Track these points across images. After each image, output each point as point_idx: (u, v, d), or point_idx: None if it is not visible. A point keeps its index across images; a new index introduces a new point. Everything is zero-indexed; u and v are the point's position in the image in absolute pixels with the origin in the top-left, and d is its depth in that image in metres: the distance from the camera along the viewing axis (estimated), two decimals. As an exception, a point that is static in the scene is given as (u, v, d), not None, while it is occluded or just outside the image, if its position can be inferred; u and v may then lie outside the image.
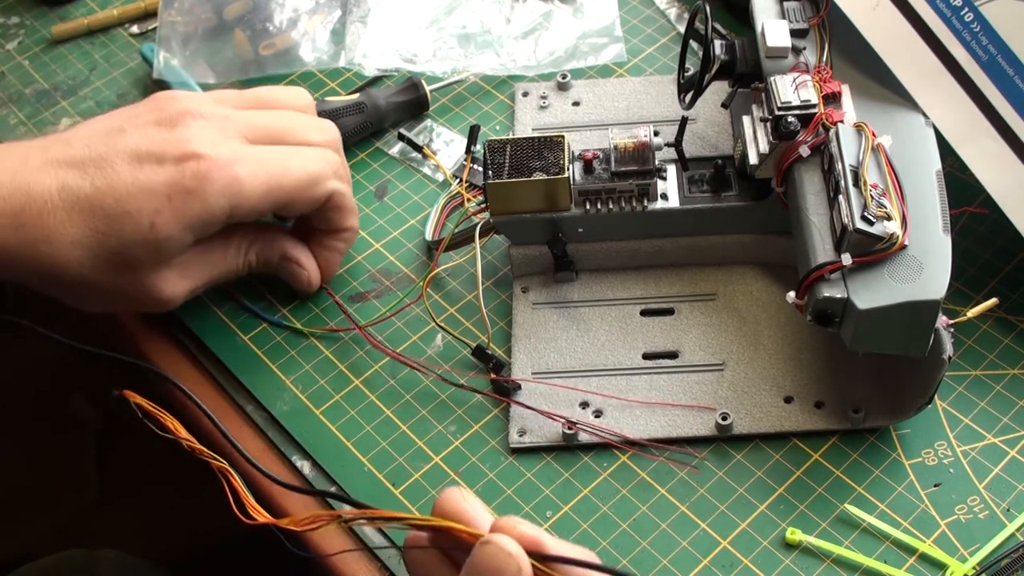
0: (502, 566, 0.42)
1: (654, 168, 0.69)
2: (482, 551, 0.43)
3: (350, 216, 0.72)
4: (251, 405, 0.70)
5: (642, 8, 0.92)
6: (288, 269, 0.72)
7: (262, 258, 0.71)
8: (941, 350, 0.60)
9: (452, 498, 0.46)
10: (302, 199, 0.68)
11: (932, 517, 0.62)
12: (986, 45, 0.67)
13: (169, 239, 0.63)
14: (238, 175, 0.64)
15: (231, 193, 0.64)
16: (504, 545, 0.42)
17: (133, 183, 0.62)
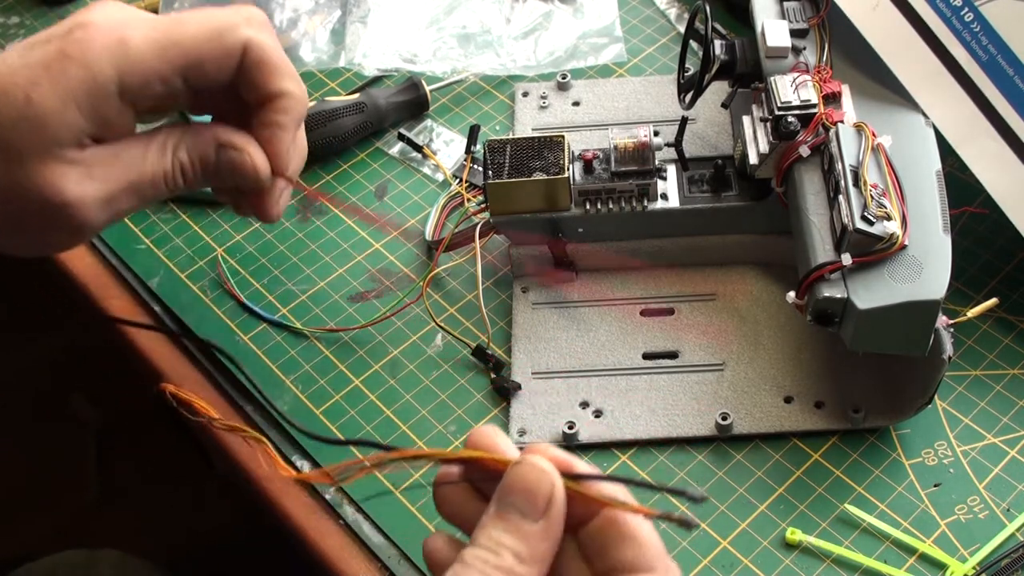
0: (535, 485, 0.41)
1: (654, 168, 0.69)
2: (514, 471, 0.42)
3: (279, 76, 0.58)
4: (251, 405, 0.70)
5: (642, 8, 0.92)
6: (228, 159, 0.59)
7: (195, 155, 0.58)
8: (941, 350, 0.60)
9: (484, 432, 0.45)
10: (209, 57, 0.56)
11: (932, 517, 0.62)
12: (986, 45, 0.67)
13: (49, 114, 0.53)
14: (124, 35, 0.54)
15: (118, 55, 0.54)
16: (537, 463, 0.41)
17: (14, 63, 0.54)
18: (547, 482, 0.41)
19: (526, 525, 0.41)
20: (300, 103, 0.60)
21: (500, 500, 0.42)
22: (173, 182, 0.58)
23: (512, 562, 0.40)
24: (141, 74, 0.54)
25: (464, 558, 0.40)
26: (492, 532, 0.41)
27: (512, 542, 0.40)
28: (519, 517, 0.41)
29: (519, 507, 0.41)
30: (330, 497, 0.66)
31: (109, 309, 0.76)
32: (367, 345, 0.72)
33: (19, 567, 0.84)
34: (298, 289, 0.76)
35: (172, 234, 0.79)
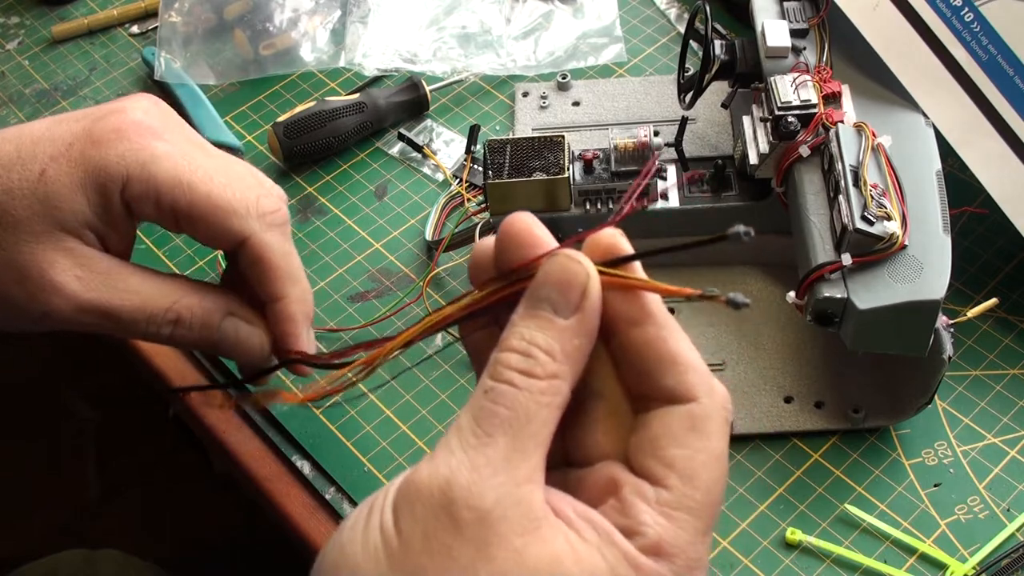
0: (570, 275, 0.38)
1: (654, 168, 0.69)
2: (548, 263, 0.38)
3: (280, 280, 0.56)
4: (251, 405, 0.70)
5: (642, 8, 0.92)
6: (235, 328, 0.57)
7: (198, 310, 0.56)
8: (941, 350, 0.60)
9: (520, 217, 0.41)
10: (210, 221, 0.54)
11: (932, 517, 0.62)
12: (986, 45, 0.67)
13: (60, 195, 0.51)
14: (154, 146, 0.53)
15: (138, 160, 0.52)
16: (572, 254, 0.38)
17: (41, 133, 0.53)
18: (582, 272, 0.38)
19: (559, 320, 0.37)
20: (302, 304, 0.58)
21: (531, 296, 0.38)
22: (156, 328, 0.55)
23: (545, 360, 0.37)
24: (145, 186, 0.53)
25: (493, 369, 0.37)
26: (523, 331, 0.37)
27: (544, 339, 0.37)
28: (551, 312, 0.38)
29: (552, 301, 0.38)
30: (330, 497, 0.66)
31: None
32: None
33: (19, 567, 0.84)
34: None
35: (172, 234, 0.79)
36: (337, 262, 0.77)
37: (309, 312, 0.58)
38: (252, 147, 0.85)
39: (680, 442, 0.37)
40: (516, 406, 0.36)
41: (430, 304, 0.73)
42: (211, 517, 1.23)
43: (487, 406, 0.36)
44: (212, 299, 0.56)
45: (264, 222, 0.56)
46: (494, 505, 0.34)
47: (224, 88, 0.89)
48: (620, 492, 0.37)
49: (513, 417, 0.36)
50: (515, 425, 0.36)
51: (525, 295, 0.38)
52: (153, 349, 0.74)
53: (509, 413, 0.36)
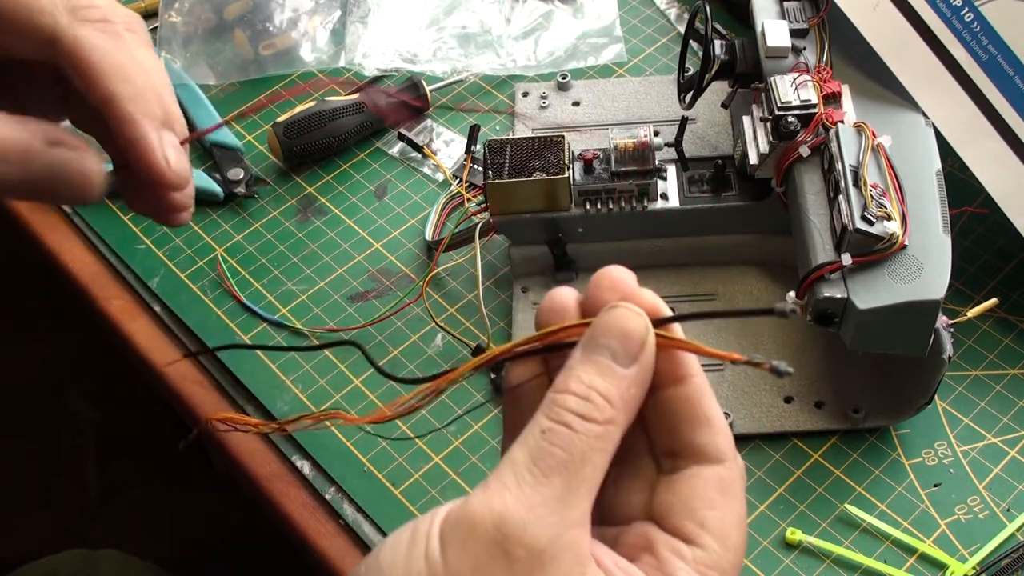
0: (631, 327, 0.38)
1: (654, 168, 0.69)
2: (609, 313, 0.39)
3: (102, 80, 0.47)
4: (251, 405, 0.70)
5: (642, 8, 0.92)
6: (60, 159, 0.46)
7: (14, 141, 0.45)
8: (941, 350, 0.60)
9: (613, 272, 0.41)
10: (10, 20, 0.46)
11: (932, 517, 0.62)
12: (986, 45, 0.67)
13: None
14: None
15: None
16: (632, 307, 0.39)
17: None
18: (642, 325, 0.39)
19: (618, 369, 0.38)
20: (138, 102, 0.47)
21: (590, 344, 0.39)
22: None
23: (602, 405, 0.37)
24: None
25: (551, 410, 0.37)
26: (582, 375, 0.38)
27: (603, 385, 0.37)
28: (611, 360, 0.38)
29: (612, 350, 0.38)
30: (330, 497, 0.66)
31: (109, 309, 0.76)
32: (367, 345, 0.72)
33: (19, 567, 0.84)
34: (298, 289, 0.76)
35: (172, 234, 0.79)
36: (337, 262, 0.77)
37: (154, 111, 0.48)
38: (252, 147, 0.85)
39: (712, 503, 0.39)
40: (572, 449, 0.36)
41: (430, 304, 0.73)
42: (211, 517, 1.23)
43: (544, 446, 0.36)
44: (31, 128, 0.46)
45: (77, 17, 0.47)
46: (547, 545, 0.35)
47: (224, 88, 0.89)
48: (655, 549, 0.38)
49: (569, 460, 0.36)
50: (570, 468, 0.36)
51: (583, 341, 0.39)
52: (154, 349, 0.74)
53: (565, 456, 0.36)
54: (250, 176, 0.82)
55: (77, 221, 0.81)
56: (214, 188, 0.81)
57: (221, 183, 0.81)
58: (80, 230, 0.81)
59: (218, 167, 0.82)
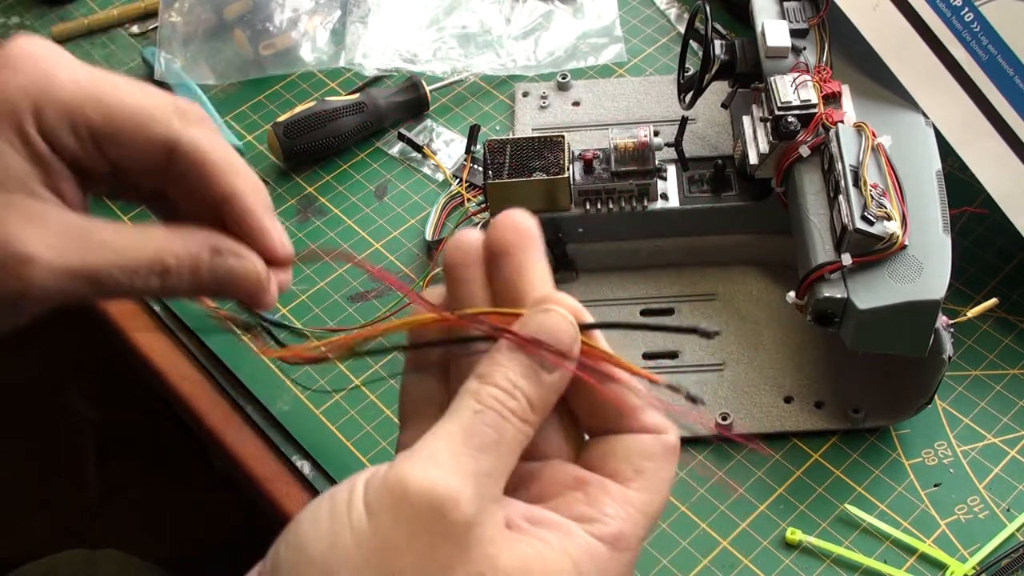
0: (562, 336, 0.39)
1: (654, 168, 0.69)
2: (544, 317, 0.40)
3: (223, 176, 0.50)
4: (251, 405, 0.70)
5: (642, 8, 0.92)
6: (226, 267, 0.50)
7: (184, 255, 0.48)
8: (941, 350, 0.60)
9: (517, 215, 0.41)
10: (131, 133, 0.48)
11: (932, 517, 0.62)
12: (986, 45, 0.67)
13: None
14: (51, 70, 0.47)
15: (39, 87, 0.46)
16: (566, 314, 0.40)
17: None
18: (572, 336, 0.40)
19: (544, 375, 0.39)
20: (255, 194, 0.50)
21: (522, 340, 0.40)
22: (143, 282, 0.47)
23: (525, 407, 0.39)
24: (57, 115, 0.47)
25: (480, 396, 0.38)
26: (510, 373, 0.39)
27: (528, 388, 0.39)
28: (538, 363, 0.39)
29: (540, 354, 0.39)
30: (330, 497, 0.66)
31: (109, 309, 0.76)
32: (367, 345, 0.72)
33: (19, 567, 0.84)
34: (298, 289, 0.76)
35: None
36: (337, 262, 0.77)
37: (266, 201, 0.51)
38: (252, 147, 0.85)
39: (652, 458, 0.40)
40: (503, 432, 0.38)
41: (430, 304, 0.73)
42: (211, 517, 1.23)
43: (479, 426, 0.38)
44: (195, 240, 0.49)
45: (186, 120, 0.49)
46: (475, 515, 0.36)
47: (224, 88, 0.88)
48: (585, 487, 0.39)
49: (499, 441, 0.38)
50: (499, 449, 0.38)
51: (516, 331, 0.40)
52: (154, 348, 0.74)
53: (496, 437, 0.38)
54: (250, 176, 0.81)
55: (77, 221, 0.81)
56: (214, 188, 0.80)
57: (221, 183, 0.81)
58: (80, 230, 0.80)
59: (218, 167, 0.82)
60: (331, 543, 0.35)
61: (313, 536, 0.36)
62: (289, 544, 0.37)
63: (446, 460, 0.36)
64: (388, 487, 0.36)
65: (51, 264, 0.45)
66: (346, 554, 0.35)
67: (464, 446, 0.37)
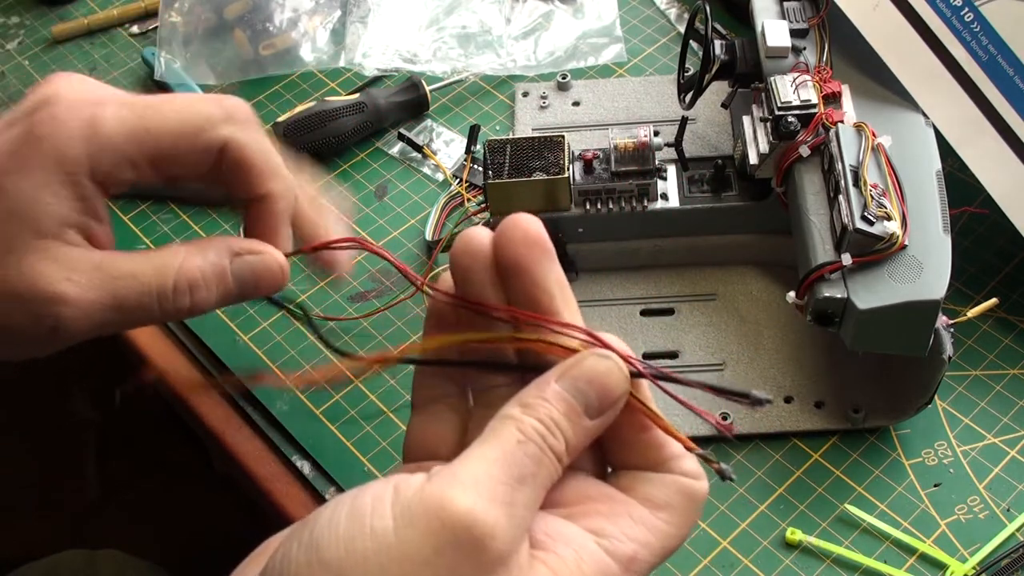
0: (612, 388, 0.40)
1: (654, 168, 0.69)
2: (599, 363, 0.40)
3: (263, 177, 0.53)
4: (251, 405, 0.70)
5: (642, 8, 0.92)
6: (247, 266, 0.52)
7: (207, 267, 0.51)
8: (941, 350, 0.60)
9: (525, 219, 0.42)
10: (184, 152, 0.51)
11: (932, 517, 0.62)
12: (986, 45, 0.67)
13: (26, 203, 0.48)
14: (95, 113, 0.49)
15: (88, 133, 0.49)
16: (622, 366, 0.40)
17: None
18: (623, 389, 0.40)
19: (585, 420, 0.39)
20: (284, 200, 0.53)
21: (571, 383, 0.40)
22: (172, 304, 0.50)
23: (563, 449, 0.39)
24: (112, 158, 0.49)
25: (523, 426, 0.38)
26: (553, 412, 0.39)
27: (568, 429, 0.39)
28: (582, 408, 0.39)
29: (588, 400, 0.39)
30: (330, 497, 0.66)
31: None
32: (367, 345, 0.72)
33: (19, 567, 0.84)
34: (298, 289, 0.76)
35: (172, 234, 0.79)
36: (337, 262, 0.77)
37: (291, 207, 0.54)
38: (252, 147, 0.85)
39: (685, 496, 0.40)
40: (540, 467, 0.38)
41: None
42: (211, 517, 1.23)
43: (521, 457, 0.38)
44: (213, 250, 0.52)
45: (234, 122, 0.52)
46: (512, 541, 0.36)
47: (224, 88, 0.88)
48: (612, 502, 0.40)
49: (536, 474, 0.38)
50: (536, 482, 0.38)
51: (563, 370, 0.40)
52: (154, 348, 0.74)
53: (534, 470, 0.38)
54: (250, 176, 0.82)
55: (77, 221, 0.81)
56: (214, 188, 0.80)
57: (221, 183, 0.81)
58: (80, 230, 0.80)
59: (218, 167, 0.82)
60: (348, 548, 0.35)
61: (329, 538, 0.36)
62: (302, 543, 0.36)
63: (488, 488, 0.36)
64: (424, 502, 0.36)
65: (79, 301, 0.48)
66: (364, 560, 0.35)
67: (506, 475, 0.37)
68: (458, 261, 0.42)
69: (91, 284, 0.49)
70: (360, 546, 0.35)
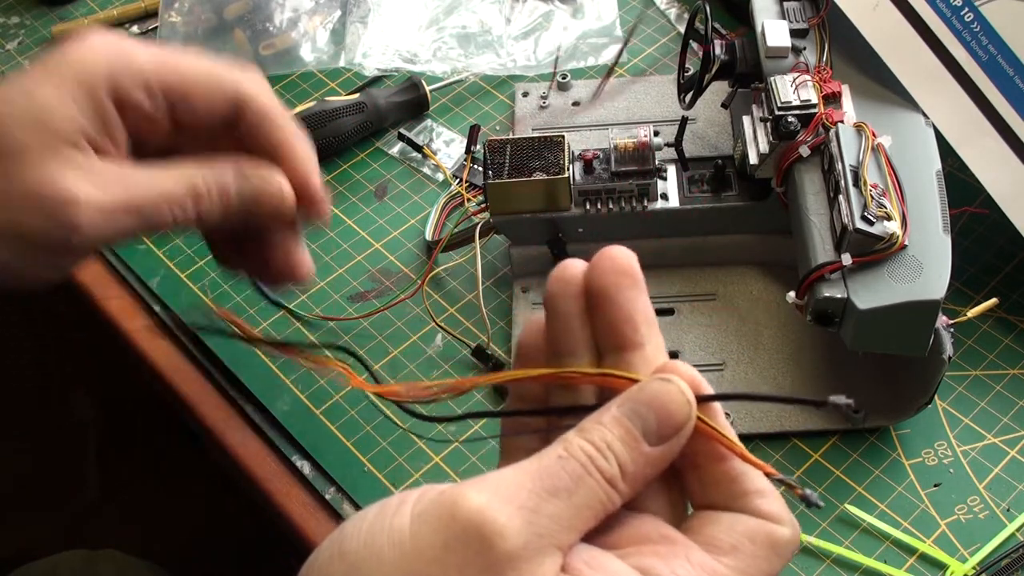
0: (674, 411, 0.38)
1: (654, 168, 0.69)
2: (659, 387, 0.38)
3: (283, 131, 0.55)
4: (251, 405, 0.70)
5: (642, 8, 0.92)
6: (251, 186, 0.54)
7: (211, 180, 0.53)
8: (941, 350, 0.60)
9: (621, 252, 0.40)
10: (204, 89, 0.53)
11: (932, 517, 0.62)
12: (986, 45, 0.67)
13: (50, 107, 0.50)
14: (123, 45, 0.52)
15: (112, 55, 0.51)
16: (685, 390, 0.38)
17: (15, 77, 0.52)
18: (685, 413, 0.38)
19: (644, 446, 0.37)
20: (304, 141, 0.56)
21: (630, 407, 0.38)
22: (181, 210, 0.52)
23: (616, 473, 0.37)
24: (131, 78, 0.51)
25: (570, 445, 0.37)
26: (608, 435, 0.37)
27: (623, 454, 0.37)
28: (640, 434, 0.37)
29: (647, 424, 0.37)
30: (330, 497, 0.66)
31: (109, 309, 0.76)
32: (367, 345, 0.72)
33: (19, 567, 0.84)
34: (298, 289, 0.76)
35: (172, 234, 0.79)
36: (337, 262, 0.77)
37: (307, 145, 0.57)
38: (252, 147, 0.85)
39: (756, 541, 0.38)
40: (580, 485, 0.36)
41: (430, 304, 0.73)
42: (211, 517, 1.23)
43: (556, 469, 0.36)
44: (221, 165, 0.54)
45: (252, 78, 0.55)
46: (524, 545, 0.35)
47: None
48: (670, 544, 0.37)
49: (573, 491, 0.36)
50: (572, 499, 0.36)
51: (623, 397, 0.38)
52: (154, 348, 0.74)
53: (570, 485, 0.36)
54: (250, 176, 0.82)
55: (77, 221, 0.81)
56: (214, 188, 0.81)
57: (221, 183, 0.81)
58: (80, 230, 0.80)
59: (218, 167, 0.82)
60: (367, 542, 0.36)
61: (351, 532, 0.36)
62: (333, 538, 0.37)
63: (509, 492, 0.35)
64: (439, 501, 0.35)
65: (97, 203, 0.50)
66: (379, 554, 0.35)
67: (533, 483, 0.36)
68: (551, 288, 0.41)
69: (108, 187, 0.50)
70: (378, 541, 0.35)
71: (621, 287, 0.39)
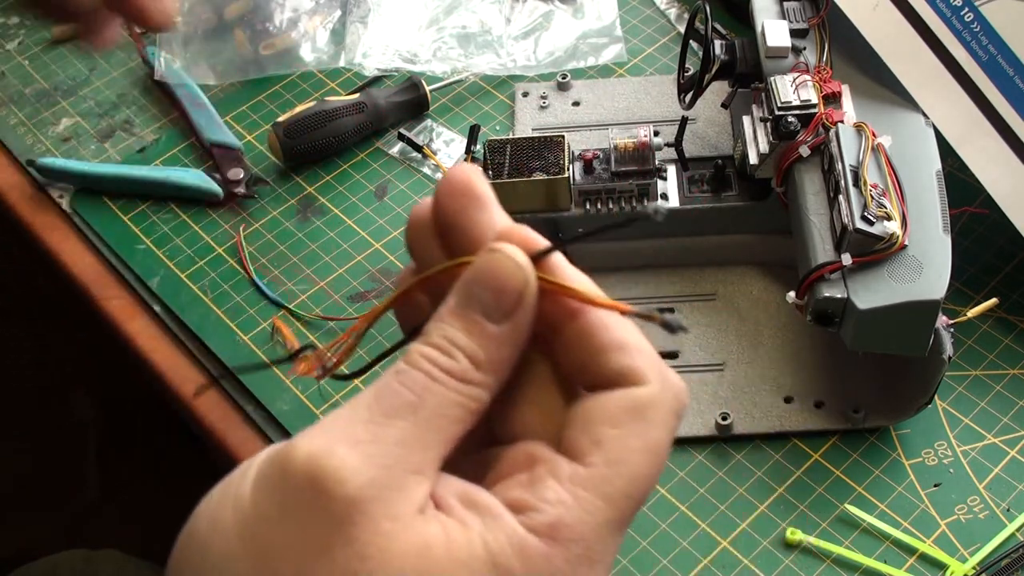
0: (506, 278, 0.34)
1: (654, 168, 0.69)
2: (486, 259, 0.34)
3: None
4: (251, 405, 0.70)
5: (642, 8, 0.92)
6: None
7: None
8: (941, 350, 0.60)
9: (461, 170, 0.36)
10: None
11: (932, 517, 0.62)
12: (986, 45, 0.67)
13: None
14: None
15: None
16: (513, 254, 0.34)
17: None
18: (521, 278, 0.34)
19: (489, 326, 0.34)
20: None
21: (462, 292, 0.34)
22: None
23: (466, 366, 0.33)
24: None
25: (409, 356, 0.34)
26: (447, 330, 0.34)
27: (469, 344, 0.33)
28: (481, 316, 0.34)
29: (483, 303, 0.34)
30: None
31: (109, 309, 0.76)
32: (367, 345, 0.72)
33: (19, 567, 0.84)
34: (298, 289, 0.76)
35: (172, 234, 0.79)
36: (337, 262, 0.77)
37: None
38: (252, 147, 0.85)
39: (615, 422, 0.33)
40: (426, 395, 0.33)
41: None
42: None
43: (394, 386, 0.33)
44: None
45: None
46: (368, 484, 0.31)
47: (224, 88, 0.88)
48: (533, 466, 0.34)
49: (419, 404, 0.32)
50: (419, 413, 0.32)
51: (456, 288, 0.35)
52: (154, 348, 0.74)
53: (415, 399, 0.32)
54: (250, 176, 0.82)
55: (77, 221, 0.81)
56: (214, 188, 0.81)
57: (221, 183, 0.81)
58: (80, 230, 0.81)
59: (218, 167, 0.82)
60: (213, 520, 0.33)
61: (202, 512, 0.33)
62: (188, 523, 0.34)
63: (339, 431, 0.32)
64: (273, 460, 0.32)
65: None
66: (224, 530, 0.32)
67: (368, 411, 0.32)
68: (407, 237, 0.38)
69: None
70: (223, 517, 0.32)
71: (465, 210, 0.36)
